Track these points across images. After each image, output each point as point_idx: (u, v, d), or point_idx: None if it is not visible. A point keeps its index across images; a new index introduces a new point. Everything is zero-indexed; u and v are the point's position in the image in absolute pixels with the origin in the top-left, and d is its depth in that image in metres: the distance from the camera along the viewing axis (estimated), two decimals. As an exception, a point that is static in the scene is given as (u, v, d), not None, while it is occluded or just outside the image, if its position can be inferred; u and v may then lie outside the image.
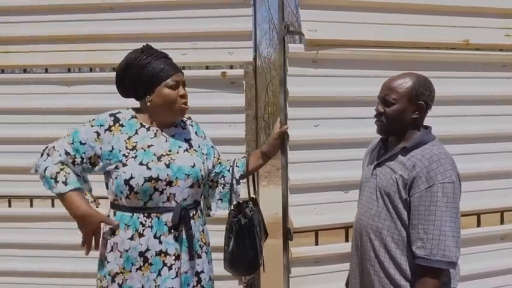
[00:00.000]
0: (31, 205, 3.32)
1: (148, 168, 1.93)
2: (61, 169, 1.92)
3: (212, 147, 2.31)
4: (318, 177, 2.86)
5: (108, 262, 1.99)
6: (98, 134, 1.96)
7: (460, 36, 2.97)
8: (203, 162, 2.13)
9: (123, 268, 1.96)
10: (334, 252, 2.89)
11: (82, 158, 1.96)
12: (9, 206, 3.34)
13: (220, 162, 2.32)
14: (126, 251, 1.96)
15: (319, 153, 2.86)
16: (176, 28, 3.04)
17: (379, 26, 2.87)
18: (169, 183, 1.96)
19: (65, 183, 1.91)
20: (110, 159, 1.96)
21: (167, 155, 2.00)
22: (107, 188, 2.06)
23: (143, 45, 2.10)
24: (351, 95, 2.84)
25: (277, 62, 3.09)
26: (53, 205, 3.19)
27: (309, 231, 2.90)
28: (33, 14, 3.09)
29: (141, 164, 1.93)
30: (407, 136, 2.05)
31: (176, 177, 1.98)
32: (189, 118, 2.27)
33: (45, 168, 1.93)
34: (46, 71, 3.28)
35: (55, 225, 3.15)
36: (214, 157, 2.29)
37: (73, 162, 1.96)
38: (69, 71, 3.29)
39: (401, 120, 2.03)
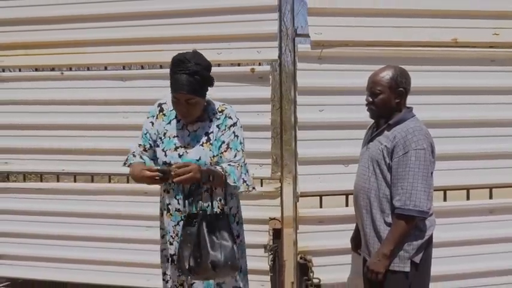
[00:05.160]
0: (109, 181, 3.96)
1: (165, 155, 2.47)
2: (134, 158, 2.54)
3: (223, 142, 2.45)
4: (322, 152, 3.36)
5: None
6: (153, 123, 2.55)
7: (449, 35, 3.34)
8: (214, 156, 2.43)
9: (160, 210, 2.61)
10: (336, 215, 3.39)
11: (150, 145, 2.54)
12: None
13: (220, 157, 2.46)
14: (161, 201, 2.61)
15: (323, 133, 3.35)
16: (213, 31, 3.41)
17: (374, 28, 3.31)
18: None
19: (128, 165, 2.52)
20: (158, 138, 2.54)
21: (184, 147, 2.46)
22: None
23: (192, 51, 2.37)
24: (349, 86, 3.29)
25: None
26: (127, 181, 3.76)
27: (314, 196, 3.44)
28: (95, 21, 3.55)
29: (163, 150, 2.48)
30: (392, 116, 2.51)
31: None
32: (222, 111, 2.48)
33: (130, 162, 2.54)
34: (105, 68, 3.76)
35: (131, 199, 3.68)
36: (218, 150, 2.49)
37: (144, 150, 2.55)
38: (124, 68, 3.78)
39: (387, 106, 2.51)
